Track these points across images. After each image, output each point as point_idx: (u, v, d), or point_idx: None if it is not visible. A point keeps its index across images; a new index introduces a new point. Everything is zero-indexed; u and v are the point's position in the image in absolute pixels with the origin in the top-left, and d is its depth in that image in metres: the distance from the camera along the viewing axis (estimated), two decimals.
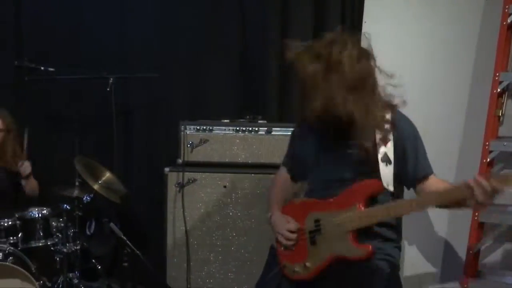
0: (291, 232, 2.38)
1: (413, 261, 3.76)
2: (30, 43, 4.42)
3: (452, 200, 2.15)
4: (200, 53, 4.21)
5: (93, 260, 3.90)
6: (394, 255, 2.34)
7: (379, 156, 2.24)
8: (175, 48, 4.25)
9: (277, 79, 3.98)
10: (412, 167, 2.30)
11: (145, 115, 4.33)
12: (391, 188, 2.26)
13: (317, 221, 2.32)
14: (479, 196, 2.01)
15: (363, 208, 2.23)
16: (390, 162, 2.25)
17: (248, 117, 3.77)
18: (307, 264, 2.31)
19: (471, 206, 2.14)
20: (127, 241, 3.04)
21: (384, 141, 2.25)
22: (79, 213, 3.66)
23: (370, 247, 2.22)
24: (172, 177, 3.62)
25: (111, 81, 3.94)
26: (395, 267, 2.34)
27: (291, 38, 3.86)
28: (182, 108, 4.19)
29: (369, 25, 3.83)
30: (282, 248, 2.42)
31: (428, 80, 3.75)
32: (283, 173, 2.67)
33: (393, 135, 2.26)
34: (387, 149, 2.25)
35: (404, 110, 2.35)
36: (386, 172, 2.24)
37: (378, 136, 2.25)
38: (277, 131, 3.62)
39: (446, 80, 3.74)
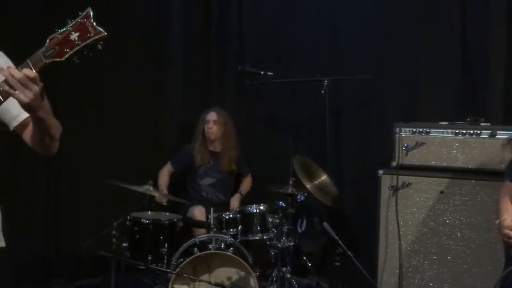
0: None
1: None
2: (250, 48, 4.72)
3: None
4: (415, 53, 4.09)
5: (304, 257, 4.01)
6: None
7: None
8: (389, 48, 4.19)
9: (503, 78, 3.67)
10: None
11: (358, 116, 4.34)
12: None
13: None
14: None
15: None
16: None
17: (469, 119, 3.54)
18: None
19: None
20: (339, 241, 3.06)
21: None
22: (292, 211, 3.78)
23: None
24: (386, 180, 3.56)
25: (325, 83, 4.01)
26: None
27: None
28: (395, 110, 4.10)
29: None
30: None
31: None
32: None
33: None
34: None
35: None
36: None
37: None
38: (502, 134, 3.34)
39: None
